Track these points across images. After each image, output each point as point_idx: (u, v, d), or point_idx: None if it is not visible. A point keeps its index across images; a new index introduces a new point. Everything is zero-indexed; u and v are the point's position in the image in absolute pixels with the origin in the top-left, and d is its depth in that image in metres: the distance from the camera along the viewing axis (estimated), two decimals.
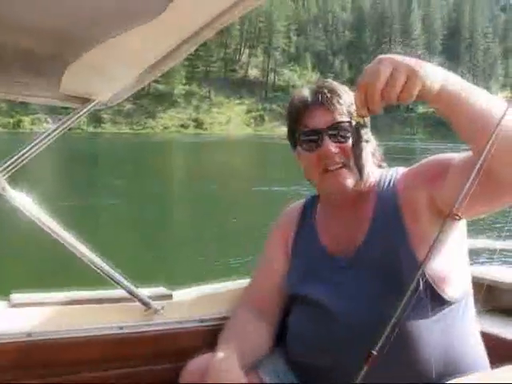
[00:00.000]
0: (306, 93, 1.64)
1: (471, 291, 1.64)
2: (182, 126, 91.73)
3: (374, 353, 1.20)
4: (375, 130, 1.68)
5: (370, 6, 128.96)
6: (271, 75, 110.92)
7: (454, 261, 1.58)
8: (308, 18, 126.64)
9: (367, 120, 1.65)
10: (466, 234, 1.64)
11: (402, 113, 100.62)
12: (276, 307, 1.73)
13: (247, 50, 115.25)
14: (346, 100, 1.61)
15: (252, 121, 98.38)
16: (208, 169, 27.26)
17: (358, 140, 1.32)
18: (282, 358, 1.68)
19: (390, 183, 1.64)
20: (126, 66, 1.44)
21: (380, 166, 1.71)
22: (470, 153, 1.35)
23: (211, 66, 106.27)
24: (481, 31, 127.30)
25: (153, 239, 11.30)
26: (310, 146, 1.60)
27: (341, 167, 1.58)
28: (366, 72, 1.26)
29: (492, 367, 1.55)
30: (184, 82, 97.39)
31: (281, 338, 1.72)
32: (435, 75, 1.27)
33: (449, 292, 1.53)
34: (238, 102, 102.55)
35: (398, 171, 1.67)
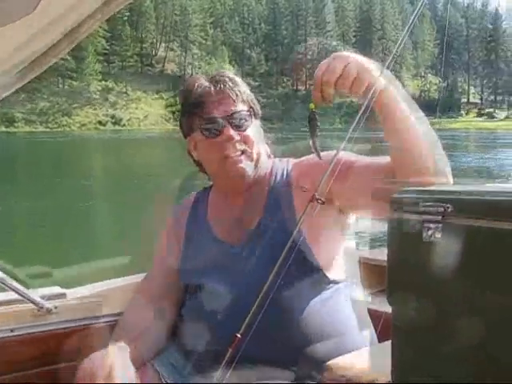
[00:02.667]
0: (205, 81, 1.67)
1: (357, 272, 1.73)
2: (100, 122, 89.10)
3: (238, 335, 1.26)
4: (293, 120, 1.74)
5: None
6: (189, 69, 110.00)
7: (339, 243, 1.65)
8: (224, 10, 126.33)
9: (258, 111, 1.72)
10: (352, 218, 1.72)
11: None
12: (171, 300, 1.74)
13: (163, 45, 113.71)
14: (245, 90, 1.68)
15: (171, 116, 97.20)
16: (127, 166, 26.76)
17: (314, 126, 1.42)
18: (177, 348, 1.69)
19: (283, 173, 1.70)
20: None
21: (269, 157, 1.76)
22: (379, 158, 1.55)
23: (127, 61, 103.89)
24: (391, 23, 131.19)
25: (69, 241, 11.01)
26: (211, 132, 1.64)
27: (241, 154, 1.63)
28: (322, 66, 1.38)
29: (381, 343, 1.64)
30: (100, 77, 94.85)
31: (177, 328, 1.73)
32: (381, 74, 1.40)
33: (334, 273, 1.61)
34: (156, 96, 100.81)
35: (290, 162, 1.74)
